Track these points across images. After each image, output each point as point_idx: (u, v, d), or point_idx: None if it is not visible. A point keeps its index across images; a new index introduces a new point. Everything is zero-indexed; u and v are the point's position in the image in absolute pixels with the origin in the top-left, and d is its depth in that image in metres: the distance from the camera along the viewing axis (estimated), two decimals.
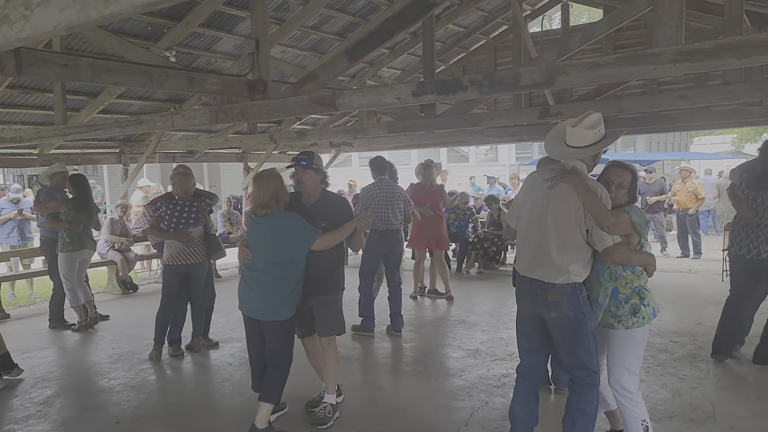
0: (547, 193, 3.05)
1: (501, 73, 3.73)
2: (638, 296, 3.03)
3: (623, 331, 3.03)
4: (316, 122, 10.05)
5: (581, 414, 3.03)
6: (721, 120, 7.24)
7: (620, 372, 3.07)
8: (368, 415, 4.11)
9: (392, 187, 6.07)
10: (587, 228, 2.96)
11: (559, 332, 3.02)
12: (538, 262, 3.03)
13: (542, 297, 3.00)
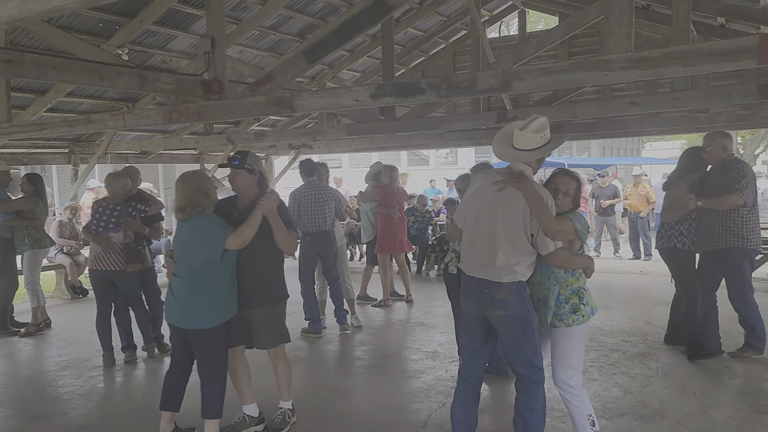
0: (495, 195, 3.10)
1: (459, 77, 3.78)
2: (577, 296, 3.16)
3: (564, 329, 3.15)
4: (275, 123, 9.95)
5: (530, 413, 3.10)
6: (669, 126, 7.49)
7: (564, 369, 3.19)
8: (326, 418, 4.08)
9: (322, 189, 6.10)
10: (532, 233, 3.04)
11: (506, 330, 3.08)
12: (485, 263, 3.09)
13: (489, 296, 3.06)
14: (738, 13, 5.94)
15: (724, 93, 5.04)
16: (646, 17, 7.14)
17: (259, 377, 4.12)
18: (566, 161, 21.20)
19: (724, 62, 2.87)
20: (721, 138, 4.79)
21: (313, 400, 4.41)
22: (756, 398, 4.13)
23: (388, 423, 3.97)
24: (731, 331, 5.76)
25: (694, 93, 5.23)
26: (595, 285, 8.65)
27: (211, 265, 3.43)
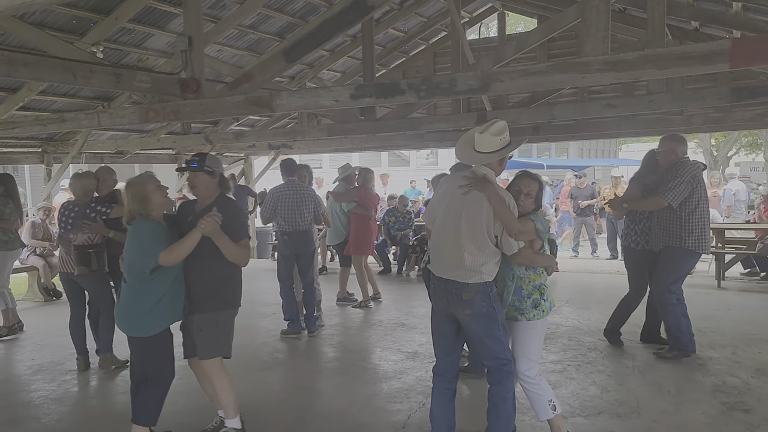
0: (460, 199, 3.19)
1: (438, 78, 3.78)
2: (539, 292, 3.33)
3: (525, 322, 3.30)
4: (254, 123, 9.88)
5: (503, 402, 3.23)
6: (645, 128, 7.59)
7: (523, 361, 3.32)
8: (305, 420, 4.05)
9: (301, 189, 6.04)
10: (496, 234, 3.15)
11: (473, 327, 3.19)
12: (452, 264, 3.18)
13: (457, 296, 3.15)
14: (711, 17, 6.06)
15: (698, 96, 5.12)
16: (622, 21, 7.24)
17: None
18: (545, 162, 21.46)
19: (698, 65, 2.91)
20: (670, 141, 4.96)
21: (293, 401, 4.38)
22: (728, 395, 4.21)
23: (368, 424, 3.96)
24: (705, 329, 5.87)
25: (669, 96, 5.31)
26: (574, 284, 8.81)
27: (147, 275, 3.32)
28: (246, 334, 6.24)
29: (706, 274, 8.93)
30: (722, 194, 11.10)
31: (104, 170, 5.30)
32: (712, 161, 25.07)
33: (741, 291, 7.92)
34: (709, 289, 8.02)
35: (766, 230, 8.14)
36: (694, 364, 4.91)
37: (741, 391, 4.28)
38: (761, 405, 4.03)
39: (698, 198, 4.88)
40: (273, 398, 4.46)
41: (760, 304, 7.01)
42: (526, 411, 3.88)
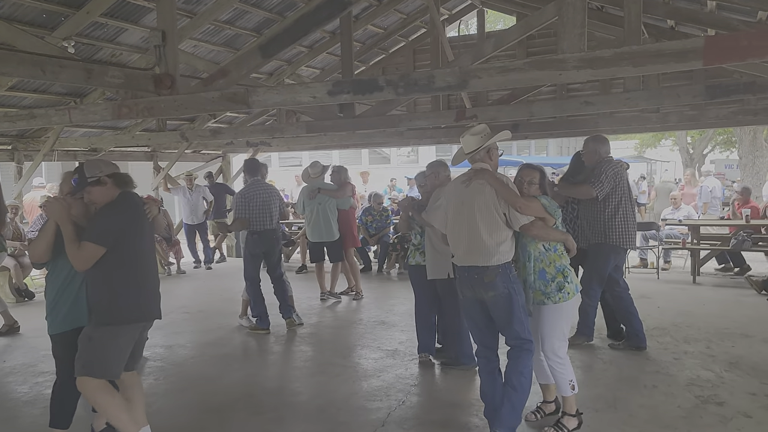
0: (465, 191, 3.53)
1: (416, 75, 3.76)
2: (562, 275, 3.54)
3: (552, 306, 3.53)
4: (232, 121, 9.77)
5: (519, 376, 3.45)
6: (622, 126, 7.67)
7: (552, 341, 3.55)
8: (284, 419, 4.01)
9: (268, 188, 6.20)
10: (504, 212, 3.44)
11: (496, 309, 3.45)
12: (472, 250, 3.46)
13: (479, 280, 3.42)
14: (686, 16, 6.13)
15: (674, 93, 5.18)
16: (600, 18, 7.30)
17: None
18: (524, 160, 21.58)
19: (672, 63, 2.93)
20: (593, 143, 5.14)
21: (271, 401, 4.34)
22: (703, 389, 4.26)
23: (347, 422, 3.93)
24: (680, 324, 5.95)
25: (645, 93, 5.36)
26: None
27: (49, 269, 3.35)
28: (223, 333, 6.19)
29: (682, 270, 9.06)
30: (699, 191, 11.27)
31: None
32: (688, 159, 25.46)
33: (715, 286, 8.04)
34: (685, 284, 8.13)
35: (740, 226, 8.27)
36: (670, 358, 4.97)
37: (715, 385, 4.34)
38: (734, 398, 4.09)
39: (620, 195, 5.06)
40: (251, 398, 4.41)
41: (734, 299, 7.13)
42: None
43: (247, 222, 6.01)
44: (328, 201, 7.23)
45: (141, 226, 3.26)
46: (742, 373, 4.56)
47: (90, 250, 3.04)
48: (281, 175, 15.77)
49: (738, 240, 8.16)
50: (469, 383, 4.52)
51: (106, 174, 3.16)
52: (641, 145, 30.97)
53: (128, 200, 3.23)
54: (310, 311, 7.14)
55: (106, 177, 3.15)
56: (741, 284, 7.89)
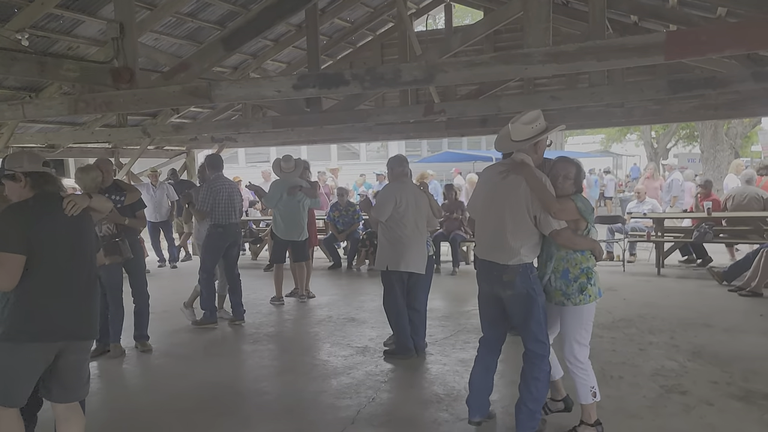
0: (500, 184, 3.38)
1: (383, 69, 3.73)
2: (586, 276, 3.34)
3: (572, 307, 3.35)
4: (196, 116, 9.58)
5: (535, 381, 3.36)
6: (588, 120, 7.74)
7: (572, 345, 3.40)
8: (251, 420, 3.95)
9: (231, 184, 6.32)
10: (535, 214, 3.28)
11: (514, 308, 3.36)
12: (494, 246, 3.36)
13: (498, 277, 3.34)
14: (649, 11, 6.22)
15: (638, 88, 5.25)
16: (565, 14, 7.35)
17: None
18: (494, 155, 21.74)
19: (635, 57, 2.96)
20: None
21: (238, 401, 4.26)
22: (667, 378, 4.34)
23: (316, 421, 3.89)
24: (645, 315, 6.05)
25: (610, 88, 5.42)
26: None
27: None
28: (189, 333, 6.07)
29: (647, 262, 9.24)
30: (668, 185, 11.50)
31: (103, 162, 5.38)
32: (652, 153, 26.03)
33: (679, 278, 8.22)
34: (650, 276, 8.29)
35: (702, 219, 8.46)
36: (635, 349, 5.05)
37: (678, 374, 4.42)
38: (697, 387, 4.17)
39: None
40: (217, 399, 4.32)
41: (696, 290, 7.29)
42: None
43: (207, 214, 6.06)
44: (304, 199, 7.07)
45: (55, 232, 2.80)
46: (704, 362, 4.66)
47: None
48: (248, 172, 15.54)
49: (700, 232, 8.35)
50: (439, 379, 4.52)
51: (26, 171, 2.86)
52: (607, 139, 31.55)
53: (38, 204, 2.82)
54: (278, 310, 7.05)
55: (21, 174, 2.85)
56: (703, 275, 8.08)
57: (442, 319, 6.26)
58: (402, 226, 4.89)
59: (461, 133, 10.21)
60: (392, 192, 4.93)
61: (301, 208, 7.08)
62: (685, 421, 3.65)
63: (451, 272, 8.96)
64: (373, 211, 4.98)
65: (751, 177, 8.85)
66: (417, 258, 4.95)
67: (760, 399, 3.92)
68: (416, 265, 4.95)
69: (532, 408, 3.38)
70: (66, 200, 2.85)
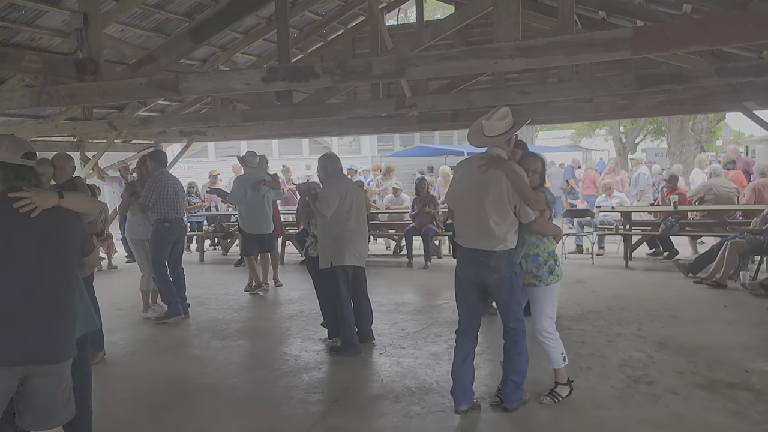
0: (480, 177, 3.59)
1: (353, 62, 3.70)
2: (553, 258, 3.78)
3: (544, 287, 3.75)
4: (164, 109, 9.40)
5: (518, 356, 3.71)
6: (558, 115, 7.81)
7: (543, 319, 3.79)
8: (222, 416, 3.90)
9: (175, 179, 6.38)
10: (515, 204, 3.57)
11: (499, 291, 3.63)
12: (480, 235, 3.60)
13: (485, 263, 3.58)
14: (617, 7, 6.30)
15: (606, 83, 5.31)
16: (535, 9, 7.41)
17: None
18: (465, 149, 21.87)
19: (602, 52, 2.99)
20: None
21: (208, 398, 4.21)
22: (634, 369, 4.42)
23: (287, 417, 3.87)
24: (614, 307, 6.16)
25: (578, 83, 5.48)
26: None
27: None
28: (157, 329, 5.98)
29: (616, 255, 9.41)
30: (635, 179, 11.71)
31: (61, 157, 5.09)
32: (621, 147, 26.49)
33: (646, 270, 8.39)
34: (618, 269, 8.45)
35: (668, 212, 8.65)
36: (604, 340, 5.13)
37: (645, 365, 4.52)
38: (663, 377, 4.26)
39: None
40: (187, 395, 4.26)
41: (663, 282, 7.46)
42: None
43: (148, 208, 6.06)
44: (268, 193, 7.38)
45: (9, 236, 2.41)
46: (670, 353, 4.77)
47: None
48: (218, 166, 15.33)
49: (667, 225, 8.54)
50: (411, 372, 4.53)
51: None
52: (577, 134, 32.00)
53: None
54: (249, 305, 6.99)
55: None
56: (670, 268, 8.26)
57: (414, 313, 6.28)
58: (346, 221, 5.00)
59: (433, 128, 10.22)
60: (337, 188, 5.00)
61: (266, 203, 7.40)
62: (651, 411, 3.73)
63: (423, 266, 8.99)
64: (320, 208, 4.92)
65: (718, 171, 9.09)
66: (362, 251, 5.15)
67: (723, 387, 4.03)
68: (361, 259, 5.14)
69: (517, 381, 3.73)
70: (24, 199, 2.40)
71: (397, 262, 9.81)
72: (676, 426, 3.53)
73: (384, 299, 6.95)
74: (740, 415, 3.61)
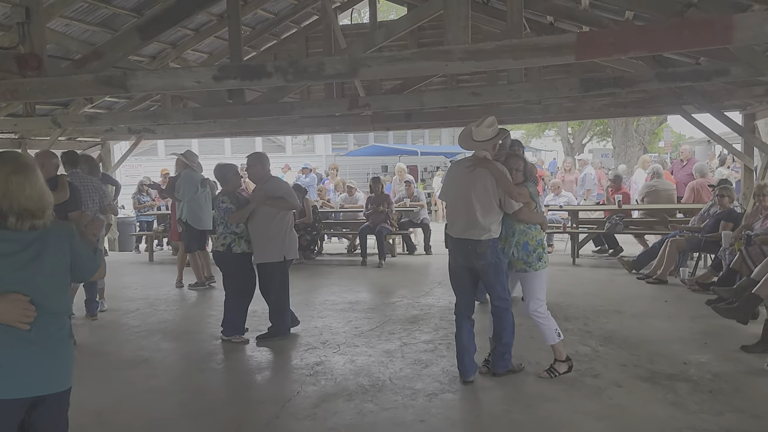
0: (468, 176, 4.09)
1: (306, 62, 3.71)
2: (541, 246, 4.23)
3: (533, 273, 4.19)
4: (111, 105, 9.14)
5: (503, 330, 4.21)
6: (508, 116, 8.00)
7: (534, 302, 4.21)
8: (172, 418, 3.83)
9: (86, 181, 6.11)
10: (500, 197, 4.05)
11: (485, 275, 4.12)
12: (469, 226, 4.08)
13: (473, 251, 4.07)
14: (564, 12, 6.50)
15: (553, 86, 5.49)
16: (486, 12, 7.56)
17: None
18: (419, 149, 22.07)
19: (548, 56, 3.10)
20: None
21: (155, 401, 4.13)
22: (580, 362, 4.51)
23: (238, 417, 3.83)
24: (561, 303, 6.35)
25: (527, 85, 5.64)
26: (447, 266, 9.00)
27: None
28: (102, 332, 5.82)
29: (563, 253, 9.68)
30: (582, 179, 12.07)
31: (44, 155, 5.03)
32: (568, 148, 27.23)
33: (593, 267, 8.67)
34: (566, 266, 8.69)
35: (613, 211, 8.97)
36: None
37: (591, 359, 4.67)
38: (608, 370, 4.42)
39: None
40: (134, 399, 4.17)
41: (608, 278, 7.73)
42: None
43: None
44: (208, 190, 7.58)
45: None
46: (614, 347, 4.94)
47: None
48: (169, 164, 14.97)
49: (612, 223, 8.85)
50: (364, 370, 4.56)
51: None
52: (527, 135, 32.71)
53: None
54: (192, 302, 6.88)
55: None
56: (614, 264, 8.56)
57: (367, 311, 6.31)
58: (290, 215, 5.46)
59: (386, 127, 10.29)
60: (287, 184, 5.52)
61: (209, 200, 7.51)
62: (596, 403, 3.87)
63: (377, 265, 9.04)
64: (293, 202, 5.39)
65: (659, 171, 9.48)
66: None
67: (663, 379, 4.21)
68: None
69: (502, 350, 4.24)
70: None
71: (351, 261, 9.83)
72: (619, 417, 3.67)
73: (338, 298, 6.96)
74: (678, 405, 3.79)
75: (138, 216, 11.56)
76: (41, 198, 2.20)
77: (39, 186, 2.21)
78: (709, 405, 3.76)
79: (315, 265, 9.41)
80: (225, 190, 5.37)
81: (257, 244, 5.29)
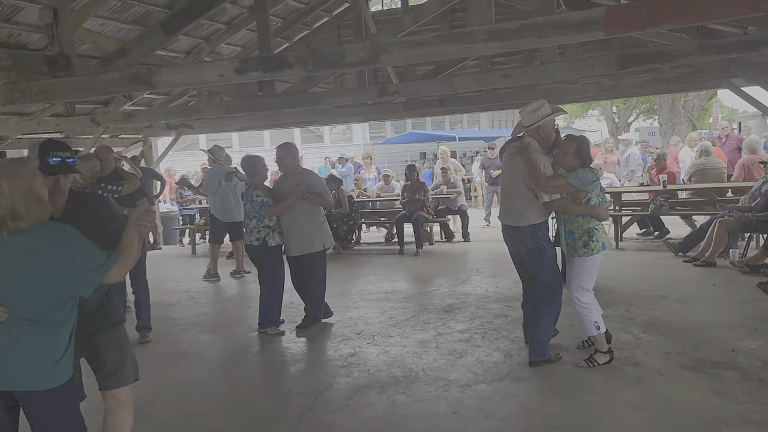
0: (509, 164, 4.28)
1: (326, 51, 3.66)
2: (588, 235, 4.08)
3: (578, 258, 4.11)
4: (150, 102, 9.32)
5: (544, 315, 4.20)
6: (543, 97, 7.72)
7: (576, 288, 4.13)
8: (207, 411, 3.89)
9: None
10: (531, 187, 4.07)
11: (528, 260, 4.23)
12: (510, 212, 4.23)
13: (512, 236, 4.22)
14: None
15: (588, 64, 5.26)
16: None
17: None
18: (457, 134, 21.80)
19: (576, 33, 2.94)
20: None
21: (194, 392, 4.20)
22: (621, 350, 4.37)
23: (271, 409, 3.85)
24: (602, 289, 6.15)
25: (561, 65, 5.43)
26: (485, 253, 8.92)
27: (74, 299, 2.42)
28: None
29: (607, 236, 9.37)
30: (625, 159, 11.66)
31: (103, 149, 5.20)
32: (613, 127, 26.44)
33: (637, 250, 8.38)
34: (609, 250, 8.35)
35: (658, 192, 8.63)
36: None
37: (632, 346, 4.51)
38: (649, 358, 4.26)
39: None
40: (168, 392, 4.25)
41: (653, 262, 7.45)
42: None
43: None
44: (238, 184, 7.64)
45: None
46: (657, 334, 4.76)
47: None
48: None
49: (656, 205, 8.52)
50: (398, 361, 4.52)
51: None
52: (570, 116, 31.88)
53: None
54: (220, 295, 6.98)
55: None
56: (660, 247, 8.25)
57: (403, 301, 6.27)
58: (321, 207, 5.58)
59: (420, 114, 10.16)
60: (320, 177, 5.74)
61: (237, 191, 7.66)
62: (636, 393, 3.72)
63: (414, 253, 8.98)
64: (328, 199, 5.58)
65: (708, 149, 9.04)
66: None
67: (709, 368, 4.02)
68: None
69: (541, 338, 4.19)
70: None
71: (389, 250, 9.79)
72: (660, 407, 3.53)
73: (374, 287, 6.94)
74: (725, 394, 3.61)
75: (180, 210, 11.83)
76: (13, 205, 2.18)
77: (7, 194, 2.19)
78: (759, 394, 3.57)
79: (352, 255, 9.41)
80: (254, 182, 5.38)
81: (298, 236, 5.30)
